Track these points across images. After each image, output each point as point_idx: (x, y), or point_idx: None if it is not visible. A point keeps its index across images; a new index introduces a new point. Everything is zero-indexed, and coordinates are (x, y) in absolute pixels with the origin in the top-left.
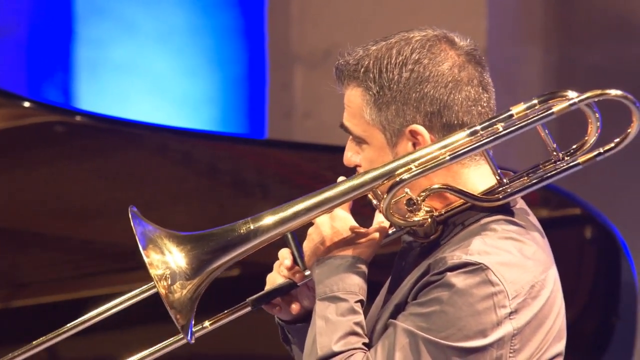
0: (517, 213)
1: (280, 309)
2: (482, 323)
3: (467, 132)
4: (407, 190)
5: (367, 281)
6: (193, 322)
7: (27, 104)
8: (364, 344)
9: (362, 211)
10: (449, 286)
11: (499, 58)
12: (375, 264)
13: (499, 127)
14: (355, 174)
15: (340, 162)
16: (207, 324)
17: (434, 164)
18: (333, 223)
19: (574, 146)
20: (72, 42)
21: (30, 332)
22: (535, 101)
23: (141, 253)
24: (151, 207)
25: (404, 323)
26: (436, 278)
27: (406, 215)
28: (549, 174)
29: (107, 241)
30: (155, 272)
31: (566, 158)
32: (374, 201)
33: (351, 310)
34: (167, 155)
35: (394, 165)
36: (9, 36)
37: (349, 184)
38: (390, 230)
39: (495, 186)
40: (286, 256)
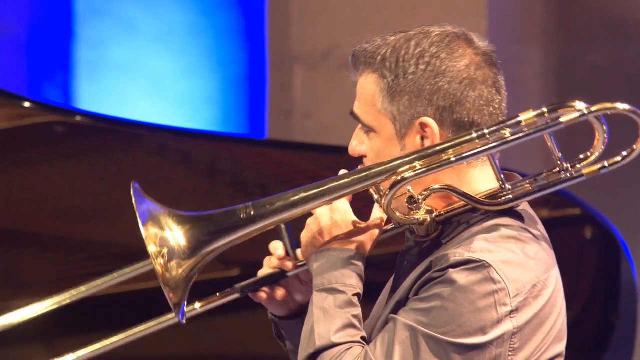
0: (521, 215)
1: (267, 297)
2: (483, 320)
3: (474, 135)
4: (409, 188)
5: (367, 281)
6: (185, 304)
7: (27, 104)
8: (362, 338)
9: (364, 212)
10: (451, 282)
11: (499, 58)
12: (375, 264)
13: (507, 133)
14: (358, 168)
15: (340, 162)
16: (198, 306)
17: (439, 164)
18: (332, 215)
19: (581, 156)
20: (72, 42)
21: (30, 332)
22: (544, 109)
23: (140, 230)
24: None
25: (405, 318)
26: (438, 274)
27: (406, 212)
28: (552, 183)
29: (107, 241)
30: (152, 249)
31: (570, 169)
32: (375, 196)
33: (349, 302)
34: (167, 155)
35: (399, 162)
36: (9, 36)
37: (353, 177)
38: (389, 226)
39: (497, 190)
40: (278, 247)
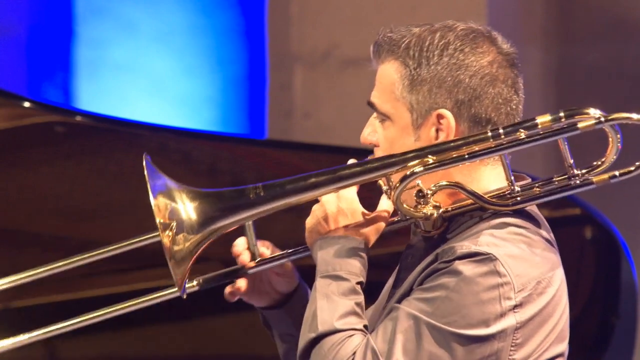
0: (528, 215)
1: (230, 292)
2: (486, 313)
3: (489, 134)
4: (419, 181)
5: (367, 281)
6: (187, 280)
7: (27, 104)
8: (364, 327)
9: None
10: (457, 273)
11: None
12: (375, 264)
13: (522, 134)
14: (369, 158)
15: (340, 163)
16: (195, 282)
17: (451, 160)
18: (339, 203)
19: (594, 163)
20: (72, 42)
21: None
22: (561, 114)
23: (150, 200)
24: (151, 207)
25: (408, 307)
26: (444, 265)
27: (414, 206)
28: (562, 189)
29: (107, 241)
30: (161, 221)
31: (581, 176)
32: (384, 187)
33: (353, 290)
34: (167, 155)
35: (412, 155)
36: (9, 36)
37: (365, 166)
38: (395, 218)
39: (506, 191)
40: (239, 243)
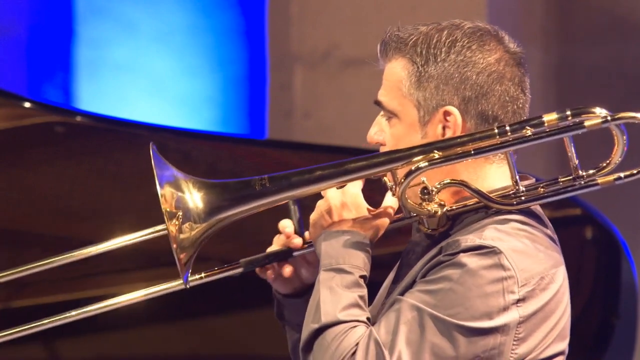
0: (532, 213)
1: (273, 274)
2: (489, 306)
3: (496, 131)
4: (424, 178)
5: (369, 280)
6: (190, 271)
7: (27, 104)
8: (367, 319)
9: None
10: (461, 265)
11: None
12: (376, 264)
13: (528, 131)
14: (376, 152)
15: None
16: (203, 275)
17: (457, 156)
18: (343, 198)
19: (601, 164)
20: (72, 42)
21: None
22: (568, 112)
23: (157, 189)
24: (151, 207)
25: (411, 299)
26: (448, 258)
27: (419, 203)
28: (566, 190)
29: (107, 241)
30: (167, 209)
31: (586, 177)
32: (389, 183)
33: (356, 283)
34: (167, 155)
35: (418, 150)
36: (9, 36)
37: (371, 160)
38: (399, 215)
39: (511, 191)
40: (287, 225)
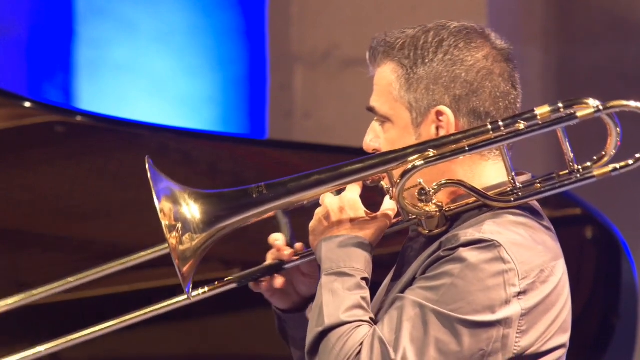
0: (529, 208)
1: (267, 287)
2: (491, 299)
3: (489, 127)
4: (420, 180)
5: (370, 282)
6: (190, 283)
7: (28, 104)
8: (370, 319)
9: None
10: (461, 260)
11: None
12: (375, 264)
13: (521, 125)
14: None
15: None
16: (194, 294)
17: (452, 153)
18: (341, 203)
19: (594, 157)
20: (72, 42)
21: (30, 333)
22: (560, 105)
23: (155, 204)
24: (151, 207)
25: (413, 296)
26: (448, 253)
27: (416, 204)
28: (563, 183)
29: (107, 241)
30: (166, 223)
31: (582, 170)
32: (386, 186)
33: (358, 285)
34: (167, 155)
35: (412, 149)
36: (9, 36)
37: (366, 162)
38: (398, 219)
39: (507, 188)
40: (278, 237)
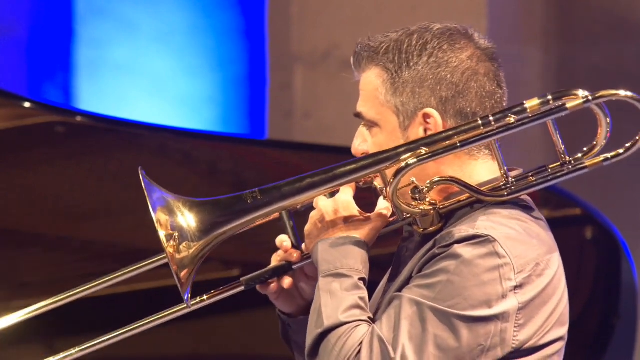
0: (522, 203)
1: (275, 289)
2: (488, 294)
3: (480, 122)
4: (413, 178)
5: (368, 281)
6: (189, 291)
7: (28, 104)
8: (369, 318)
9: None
10: (456, 256)
11: (499, 58)
12: (375, 264)
13: (511, 119)
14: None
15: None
16: (205, 297)
17: (444, 150)
18: (335, 205)
19: (584, 149)
20: (72, 42)
21: (30, 333)
22: (549, 97)
23: (151, 215)
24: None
25: (410, 294)
26: (442, 250)
27: (410, 203)
28: (555, 175)
29: (107, 241)
30: (164, 233)
31: (573, 161)
32: (379, 186)
33: (355, 285)
34: (167, 155)
35: (404, 148)
36: (9, 36)
37: (359, 163)
38: (392, 219)
39: (500, 182)
40: (284, 239)
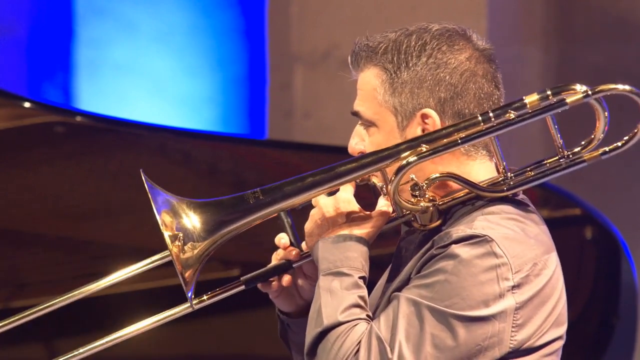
0: (521, 202)
1: (276, 287)
2: (485, 293)
3: (480, 118)
4: (413, 175)
5: (368, 281)
6: (193, 291)
7: (28, 104)
8: (367, 316)
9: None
10: (454, 256)
11: (499, 58)
12: (375, 264)
13: (511, 115)
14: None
15: None
16: (205, 297)
17: (444, 147)
18: (335, 204)
19: (582, 143)
20: (72, 42)
21: (30, 333)
22: (548, 92)
23: (156, 217)
24: (151, 207)
25: (408, 294)
26: (440, 250)
27: (410, 200)
28: (554, 169)
29: (108, 241)
30: (169, 234)
31: (571, 155)
32: (379, 184)
33: (355, 284)
34: (167, 155)
35: (405, 145)
36: (9, 36)
37: (360, 161)
38: (393, 215)
39: (499, 178)
40: (283, 237)
